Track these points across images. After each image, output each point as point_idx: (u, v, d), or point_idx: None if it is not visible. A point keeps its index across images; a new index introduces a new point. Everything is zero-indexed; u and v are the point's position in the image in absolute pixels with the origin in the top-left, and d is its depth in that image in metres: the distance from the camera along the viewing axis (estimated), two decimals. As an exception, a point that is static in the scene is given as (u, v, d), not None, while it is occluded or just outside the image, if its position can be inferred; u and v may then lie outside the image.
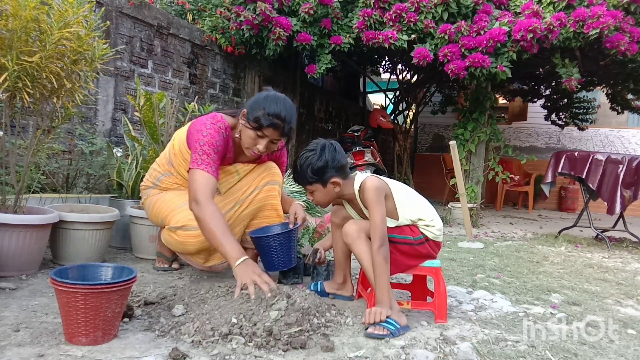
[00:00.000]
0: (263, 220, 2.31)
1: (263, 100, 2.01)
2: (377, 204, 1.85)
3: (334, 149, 1.93)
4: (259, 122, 1.97)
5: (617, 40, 4.54)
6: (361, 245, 1.87)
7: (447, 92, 8.83)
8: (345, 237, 1.93)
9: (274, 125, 1.98)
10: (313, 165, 1.89)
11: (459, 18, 5.00)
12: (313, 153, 1.91)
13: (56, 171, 3.31)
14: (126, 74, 4.44)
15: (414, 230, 1.93)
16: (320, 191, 1.94)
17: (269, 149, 2.09)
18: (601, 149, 9.45)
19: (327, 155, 1.90)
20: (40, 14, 2.01)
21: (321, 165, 1.89)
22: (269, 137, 2.02)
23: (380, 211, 1.84)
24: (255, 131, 2.00)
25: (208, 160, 1.99)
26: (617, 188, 4.28)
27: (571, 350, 1.70)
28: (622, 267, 3.55)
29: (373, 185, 1.89)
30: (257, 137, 2.02)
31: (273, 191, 2.30)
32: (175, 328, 1.62)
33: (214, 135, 2.03)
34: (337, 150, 1.94)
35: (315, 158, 1.89)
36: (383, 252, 1.80)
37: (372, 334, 1.69)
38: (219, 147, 2.03)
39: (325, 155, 1.90)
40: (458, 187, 4.58)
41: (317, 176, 1.90)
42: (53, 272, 1.47)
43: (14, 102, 2.13)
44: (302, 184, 1.98)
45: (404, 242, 1.91)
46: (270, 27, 5.10)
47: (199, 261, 2.22)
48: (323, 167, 1.89)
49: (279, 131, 2.01)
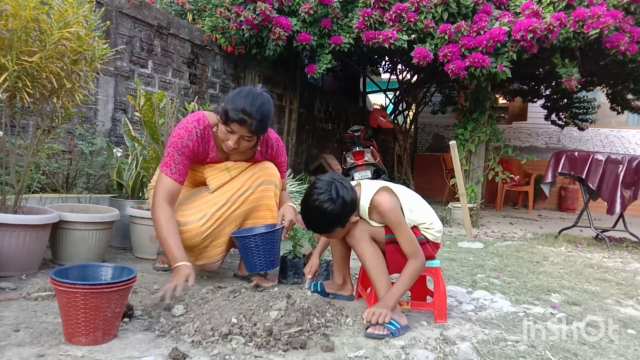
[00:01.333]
0: (258, 220, 2.25)
1: (235, 94, 1.99)
2: (399, 222, 1.81)
3: (344, 187, 1.79)
4: (226, 116, 1.95)
5: (617, 40, 4.54)
6: (365, 246, 1.85)
7: (447, 92, 8.83)
8: (348, 237, 1.90)
9: (240, 120, 1.92)
10: (333, 215, 1.76)
11: (459, 18, 5.00)
12: (329, 203, 1.74)
13: (56, 171, 3.31)
14: (126, 74, 4.44)
15: (415, 232, 1.93)
16: (340, 231, 1.86)
17: (242, 146, 2.04)
18: (601, 149, 9.45)
19: (343, 197, 1.76)
20: (40, 14, 2.01)
21: (340, 211, 1.76)
22: (237, 133, 1.97)
23: (407, 228, 1.82)
24: (225, 126, 1.98)
25: (169, 162, 2.02)
26: (617, 188, 4.28)
27: (571, 350, 1.70)
28: (622, 267, 3.54)
29: (390, 205, 1.81)
30: (227, 132, 1.99)
31: (268, 191, 2.23)
32: (175, 328, 1.62)
33: (181, 136, 2.03)
34: (347, 187, 1.81)
35: (333, 207, 1.74)
36: (421, 266, 1.82)
37: (373, 334, 1.68)
38: (184, 148, 2.03)
39: (341, 198, 1.75)
40: (458, 187, 4.58)
41: (339, 224, 1.81)
42: (53, 272, 1.47)
43: (14, 102, 2.13)
44: (321, 233, 1.92)
45: None
46: (270, 27, 5.10)
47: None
48: (342, 214, 1.78)
49: (246, 127, 1.94)
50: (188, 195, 2.19)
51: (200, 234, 2.11)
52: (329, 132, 8.74)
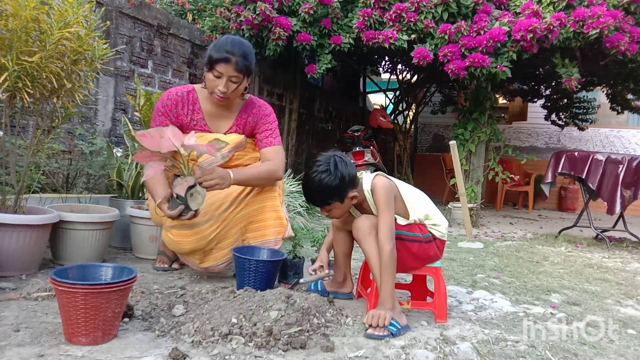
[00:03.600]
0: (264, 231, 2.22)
1: (215, 42, 2.09)
2: (387, 205, 1.83)
3: (343, 162, 1.86)
4: (210, 59, 2.03)
5: (617, 40, 4.54)
6: (372, 242, 1.85)
7: (447, 92, 8.83)
8: (356, 231, 1.90)
9: (225, 59, 2.00)
10: (330, 187, 1.82)
11: (459, 18, 5.00)
12: (327, 174, 1.82)
13: (56, 171, 3.31)
14: (126, 74, 4.44)
15: (422, 229, 1.94)
16: (338, 208, 1.90)
17: (231, 89, 2.08)
18: (601, 149, 9.45)
19: (341, 171, 1.83)
20: (40, 14, 2.01)
21: (338, 184, 1.82)
22: (225, 74, 2.03)
23: (390, 213, 1.83)
24: (211, 72, 2.04)
25: (152, 124, 2.13)
26: (617, 188, 4.28)
27: (571, 350, 1.70)
28: (622, 267, 3.55)
29: (383, 186, 1.87)
30: (215, 77, 2.05)
31: (272, 192, 2.24)
32: (175, 328, 1.62)
33: (162, 99, 2.16)
34: (347, 162, 1.88)
35: (330, 178, 1.81)
36: (392, 254, 1.78)
37: (373, 335, 1.68)
38: (164, 108, 2.13)
39: (339, 171, 1.82)
40: (458, 187, 4.58)
41: (336, 196, 1.85)
42: (53, 272, 1.47)
43: (14, 102, 2.13)
44: (319, 205, 1.92)
45: (413, 239, 1.91)
46: (270, 27, 5.10)
47: (194, 261, 2.22)
48: (340, 186, 1.83)
49: (232, 66, 2.01)
50: None
51: (206, 237, 2.11)
52: (329, 132, 8.74)
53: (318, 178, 1.82)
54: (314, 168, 1.86)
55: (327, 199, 1.86)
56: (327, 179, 1.81)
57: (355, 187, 1.89)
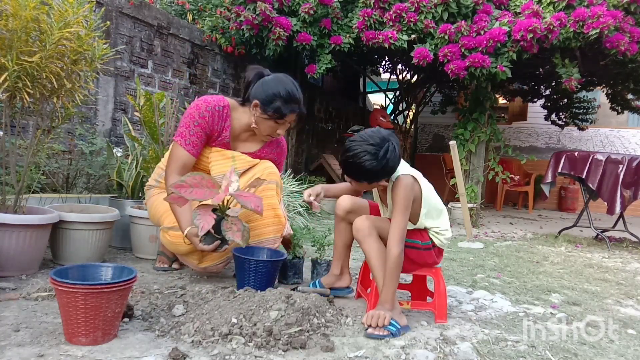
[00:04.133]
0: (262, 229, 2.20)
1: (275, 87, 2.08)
2: (404, 207, 1.80)
3: (395, 152, 1.79)
4: (279, 112, 2.06)
5: (617, 40, 4.54)
6: (372, 243, 1.85)
7: (447, 92, 8.83)
8: (356, 232, 1.90)
9: (293, 110, 2.09)
10: (369, 170, 1.77)
11: (459, 18, 5.00)
12: (373, 158, 1.75)
13: (56, 171, 3.31)
14: (126, 74, 4.44)
15: (423, 235, 1.93)
16: (364, 186, 1.90)
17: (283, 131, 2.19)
18: (601, 149, 9.45)
19: (387, 161, 1.77)
20: (40, 14, 2.01)
21: (377, 171, 1.78)
22: (289, 122, 2.11)
23: (405, 216, 1.80)
24: (277, 120, 2.09)
25: (184, 132, 2.06)
26: (617, 188, 4.28)
27: (571, 350, 1.70)
28: (622, 267, 3.55)
29: (405, 187, 1.81)
30: (277, 124, 2.10)
31: (269, 190, 2.20)
32: (175, 328, 1.62)
33: (199, 107, 2.09)
34: (397, 153, 1.80)
35: (374, 164, 1.76)
36: (399, 258, 1.77)
37: (372, 335, 1.68)
38: (201, 119, 2.07)
39: (386, 161, 1.76)
40: (458, 187, 4.58)
41: (369, 179, 1.83)
42: (53, 272, 1.47)
43: (14, 102, 2.13)
44: (349, 175, 1.87)
45: (412, 246, 1.91)
46: (270, 27, 5.10)
47: (193, 262, 2.21)
48: (378, 173, 1.79)
49: (297, 115, 2.12)
50: None
51: None
52: (329, 132, 8.74)
53: (362, 156, 1.76)
54: (365, 143, 1.77)
55: (360, 176, 1.83)
56: (369, 162, 1.76)
57: (389, 176, 1.86)
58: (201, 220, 1.74)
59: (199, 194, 1.73)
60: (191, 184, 1.73)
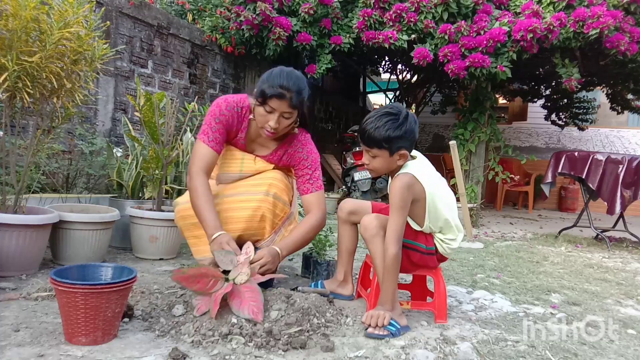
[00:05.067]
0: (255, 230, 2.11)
1: (268, 74, 1.96)
2: (399, 207, 1.77)
3: (414, 120, 1.82)
4: (263, 94, 1.90)
5: (617, 40, 4.54)
6: (379, 243, 1.82)
7: (447, 92, 8.84)
8: (363, 230, 1.88)
9: (278, 95, 1.88)
10: (390, 132, 1.76)
11: (459, 18, 5.00)
12: (394, 119, 1.78)
13: (56, 171, 3.31)
14: (126, 74, 4.44)
15: (428, 239, 1.92)
16: (384, 158, 1.82)
17: (283, 125, 1.97)
18: (601, 149, 9.45)
19: (408, 125, 1.78)
20: (40, 14, 2.01)
21: (399, 134, 1.77)
22: (277, 109, 1.92)
23: (400, 215, 1.77)
24: (263, 106, 1.93)
25: (207, 129, 2.01)
26: (617, 188, 4.28)
27: (571, 350, 1.70)
28: (622, 267, 3.55)
29: (402, 186, 1.78)
30: (266, 112, 1.93)
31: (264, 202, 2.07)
32: (175, 328, 1.62)
33: (219, 105, 2.03)
34: (416, 123, 1.84)
35: (395, 125, 1.77)
36: (396, 257, 1.76)
37: (372, 334, 1.68)
38: (222, 116, 2.02)
39: (407, 125, 1.78)
40: (458, 187, 4.57)
41: (389, 144, 1.78)
42: (53, 272, 1.47)
43: (14, 102, 2.13)
44: (368, 145, 1.82)
45: (415, 248, 1.90)
46: (270, 27, 5.10)
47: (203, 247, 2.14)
48: (399, 137, 1.77)
49: (286, 102, 1.89)
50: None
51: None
52: (329, 132, 8.74)
53: (383, 119, 1.78)
54: (385, 109, 1.82)
55: (380, 143, 1.79)
56: (390, 124, 1.77)
57: (409, 150, 1.83)
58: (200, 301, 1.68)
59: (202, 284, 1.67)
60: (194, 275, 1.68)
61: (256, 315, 1.59)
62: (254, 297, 1.64)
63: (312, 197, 2.11)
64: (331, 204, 5.61)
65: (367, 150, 1.84)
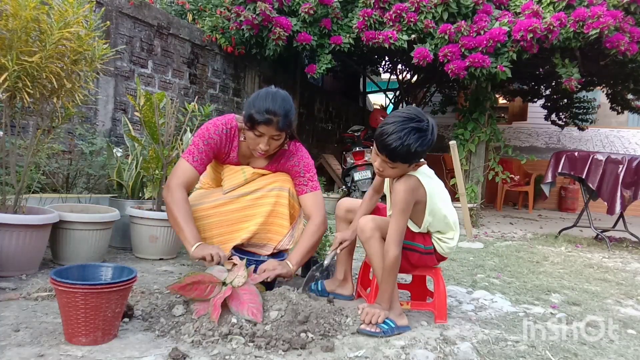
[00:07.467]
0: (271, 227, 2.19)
1: (254, 98, 2.01)
2: (402, 210, 1.76)
3: (435, 128, 1.73)
4: (252, 120, 1.96)
5: (617, 40, 4.54)
6: (375, 244, 1.83)
7: (447, 92, 8.84)
8: (360, 233, 1.87)
9: (266, 121, 1.93)
10: (419, 148, 1.68)
11: (459, 18, 5.00)
12: (422, 135, 1.67)
13: (56, 171, 3.31)
14: (126, 74, 4.44)
15: (426, 239, 1.92)
16: (401, 169, 1.76)
17: (272, 147, 2.04)
18: (601, 149, 9.46)
19: (433, 137, 1.70)
20: (40, 14, 2.01)
21: (425, 149, 1.70)
22: (266, 134, 1.97)
23: (403, 218, 1.77)
24: (252, 131, 1.99)
25: (193, 150, 2.07)
26: (617, 188, 4.29)
27: (571, 350, 1.70)
28: (622, 267, 3.55)
29: (407, 189, 1.76)
30: (256, 136, 2.00)
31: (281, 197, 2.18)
32: (175, 328, 1.62)
33: (208, 128, 2.10)
34: (436, 131, 1.74)
35: (424, 141, 1.68)
36: (396, 259, 1.76)
37: (364, 330, 1.69)
38: (210, 139, 2.08)
39: (432, 137, 1.70)
40: (458, 187, 4.57)
41: (415, 158, 1.73)
42: (53, 272, 1.47)
43: (14, 102, 2.13)
44: (392, 159, 1.72)
45: (414, 249, 1.90)
46: (270, 27, 5.10)
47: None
48: (422, 153, 1.71)
49: (273, 126, 1.95)
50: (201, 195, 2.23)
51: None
52: (329, 132, 8.74)
53: (413, 134, 1.66)
54: (410, 117, 1.69)
55: (407, 158, 1.70)
56: (417, 138, 1.66)
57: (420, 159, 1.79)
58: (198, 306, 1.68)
59: (200, 291, 1.68)
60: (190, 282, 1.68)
61: (256, 316, 1.60)
62: (253, 298, 1.65)
63: (309, 199, 2.18)
64: (331, 204, 5.61)
65: (386, 161, 1.75)
